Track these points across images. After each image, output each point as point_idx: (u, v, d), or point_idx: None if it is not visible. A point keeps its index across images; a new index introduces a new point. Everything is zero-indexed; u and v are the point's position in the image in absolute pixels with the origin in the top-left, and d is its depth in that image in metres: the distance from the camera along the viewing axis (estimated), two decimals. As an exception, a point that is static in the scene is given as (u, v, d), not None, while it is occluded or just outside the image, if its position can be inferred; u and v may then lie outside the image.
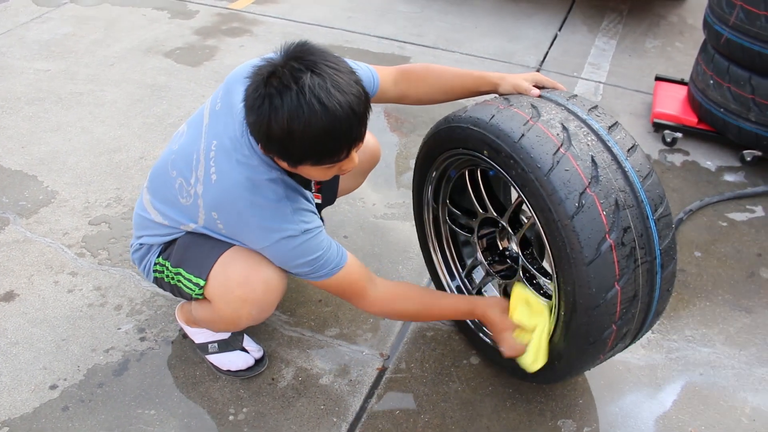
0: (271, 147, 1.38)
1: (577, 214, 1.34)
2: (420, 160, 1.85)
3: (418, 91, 1.75)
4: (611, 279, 1.37)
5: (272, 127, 1.31)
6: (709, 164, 2.84)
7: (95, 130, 2.92)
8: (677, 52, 3.82)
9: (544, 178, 1.36)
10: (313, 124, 1.29)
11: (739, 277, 2.24)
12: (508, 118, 1.46)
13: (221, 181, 1.47)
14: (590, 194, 1.36)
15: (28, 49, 3.59)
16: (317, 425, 1.73)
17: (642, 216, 1.40)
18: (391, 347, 1.96)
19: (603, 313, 1.40)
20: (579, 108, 1.51)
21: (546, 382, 1.80)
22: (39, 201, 2.49)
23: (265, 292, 1.59)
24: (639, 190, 1.41)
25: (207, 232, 1.59)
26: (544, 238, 1.43)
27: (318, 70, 1.30)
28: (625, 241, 1.37)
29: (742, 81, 2.63)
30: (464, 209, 1.90)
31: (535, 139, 1.41)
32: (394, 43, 3.81)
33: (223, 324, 1.70)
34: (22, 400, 1.77)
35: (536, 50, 3.78)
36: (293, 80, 1.29)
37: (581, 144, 1.41)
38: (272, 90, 1.30)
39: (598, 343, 1.46)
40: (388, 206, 2.52)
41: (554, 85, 1.64)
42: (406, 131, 2.98)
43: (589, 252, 1.34)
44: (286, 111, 1.29)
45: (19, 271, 2.18)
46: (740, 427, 1.75)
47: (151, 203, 1.68)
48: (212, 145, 1.50)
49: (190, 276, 1.62)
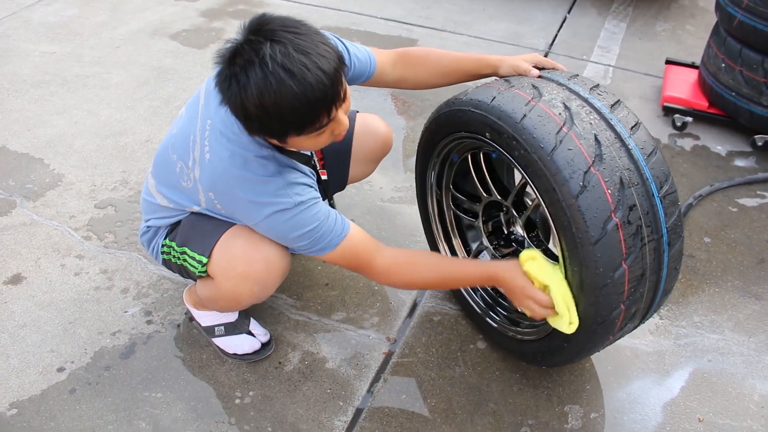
0: (252, 126, 1.35)
1: (582, 194, 1.33)
2: (422, 145, 1.83)
3: (417, 74, 1.73)
4: (618, 258, 1.36)
5: (245, 106, 1.28)
6: (719, 149, 2.81)
7: (101, 113, 2.91)
8: (688, 35, 3.77)
9: (547, 158, 1.35)
10: (284, 94, 1.25)
11: (749, 263, 2.22)
12: (509, 99, 1.45)
13: (213, 160, 1.46)
14: (594, 173, 1.34)
15: (34, 32, 3.57)
16: (323, 409, 1.73)
17: (647, 194, 1.39)
18: (397, 331, 1.95)
19: (611, 293, 1.39)
20: (580, 87, 1.49)
21: (555, 365, 1.79)
22: (45, 184, 2.48)
23: (267, 270, 1.58)
24: (644, 168, 1.39)
25: (210, 213, 1.59)
26: (550, 219, 1.42)
27: (277, 38, 1.26)
28: (631, 220, 1.36)
29: (755, 64, 2.60)
30: (468, 194, 1.89)
31: (537, 119, 1.39)
32: (401, 26, 3.77)
33: (224, 301, 1.70)
34: (30, 383, 1.78)
35: (545, 33, 3.74)
36: (254, 53, 1.25)
37: (584, 123, 1.40)
38: (236, 69, 1.26)
39: (607, 323, 1.45)
40: (395, 190, 2.51)
41: (554, 66, 1.61)
42: (413, 114, 2.96)
43: (594, 231, 1.33)
44: (254, 87, 1.25)
45: (26, 254, 2.18)
46: (748, 414, 1.75)
47: (156, 188, 1.67)
48: (207, 125, 1.49)
49: (194, 254, 1.62)
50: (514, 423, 1.71)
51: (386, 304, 2.03)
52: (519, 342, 1.76)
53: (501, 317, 1.83)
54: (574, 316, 1.49)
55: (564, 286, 1.50)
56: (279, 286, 2.06)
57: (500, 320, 1.83)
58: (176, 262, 1.70)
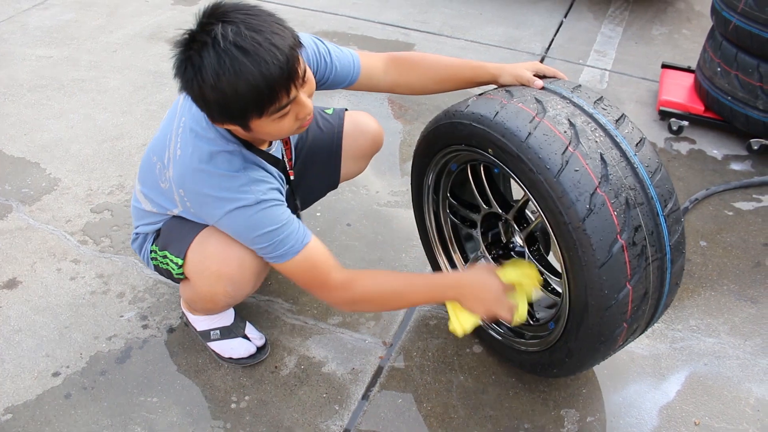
0: (212, 112, 1.33)
1: (589, 216, 1.30)
2: (419, 154, 1.79)
3: (410, 80, 1.69)
4: (623, 279, 1.34)
5: (203, 89, 1.26)
6: (715, 153, 2.81)
7: (98, 117, 2.91)
8: (684, 39, 3.78)
9: (553, 179, 1.32)
10: (240, 72, 1.24)
11: (745, 266, 2.23)
12: (513, 115, 1.41)
13: (182, 156, 1.46)
14: (601, 194, 1.32)
15: (30, 36, 3.57)
16: (319, 413, 1.73)
17: (652, 213, 1.37)
18: (393, 336, 1.95)
19: (615, 313, 1.38)
20: (584, 101, 1.46)
21: (555, 377, 1.79)
22: (42, 188, 2.48)
23: (240, 268, 1.57)
24: (648, 187, 1.37)
25: (187, 216, 1.59)
26: (554, 240, 1.40)
27: (229, 19, 1.25)
28: (636, 240, 1.34)
29: (750, 68, 2.60)
30: (467, 203, 1.87)
31: (543, 138, 1.36)
32: (398, 30, 3.78)
33: (202, 302, 1.69)
34: (25, 387, 1.77)
35: (542, 37, 3.75)
36: (206, 35, 1.24)
37: (589, 141, 1.37)
38: (191, 53, 1.26)
39: (609, 341, 1.45)
40: (391, 194, 2.51)
41: (555, 74, 1.59)
42: (409, 118, 2.96)
43: (601, 254, 1.31)
44: (208, 68, 1.24)
45: (21, 259, 2.17)
46: (744, 417, 1.75)
47: (141, 191, 1.68)
48: (180, 122, 1.49)
49: (172, 256, 1.63)
50: (511, 427, 1.71)
51: (382, 308, 2.03)
52: (519, 352, 1.75)
53: (505, 328, 1.82)
54: (523, 312, 1.58)
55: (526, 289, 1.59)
56: (274, 290, 2.06)
57: (504, 331, 1.82)
58: (162, 266, 1.70)
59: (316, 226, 2.33)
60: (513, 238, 1.89)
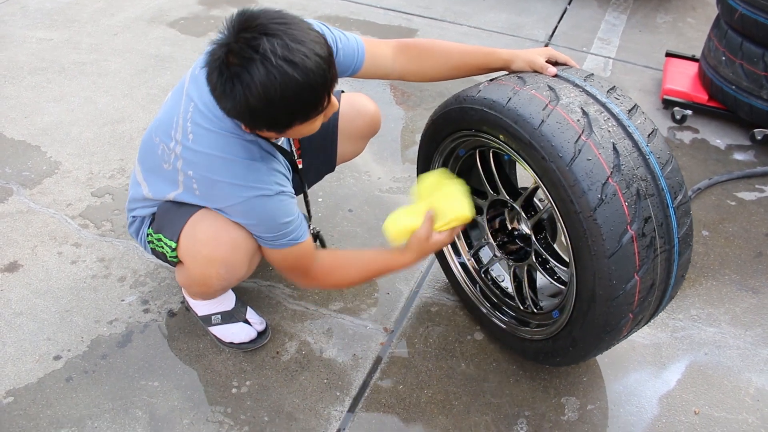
0: (257, 122, 1.35)
1: (600, 206, 1.30)
2: (426, 139, 1.79)
3: (423, 67, 1.69)
4: (631, 270, 1.34)
5: (251, 103, 1.27)
6: (718, 142, 2.80)
7: (99, 101, 2.89)
8: (689, 27, 3.76)
9: (566, 168, 1.31)
10: (289, 85, 1.26)
11: (747, 256, 2.22)
12: (526, 102, 1.40)
13: (197, 141, 1.45)
14: (612, 184, 1.31)
15: (30, 18, 3.55)
16: (320, 399, 1.73)
17: (662, 205, 1.36)
18: (395, 322, 1.95)
19: (621, 304, 1.38)
20: (597, 90, 1.45)
21: (558, 366, 1.79)
22: (42, 172, 2.47)
23: (233, 251, 1.57)
24: (660, 178, 1.37)
25: (185, 199, 1.57)
26: (563, 229, 1.39)
27: (271, 31, 1.25)
28: (646, 232, 1.34)
29: (756, 58, 2.59)
30: (473, 189, 1.85)
31: (556, 125, 1.35)
32: (400, 15, 3.75)
33: (195, 285, 1.70)
34: (26, 371, 1.77)
35: (545, 24, 3.72)
36: (252, 50, 1.24)
37: (602, 130, 1.36)
38: (237, 69, 1.25)
39: (615, 331, 1.45)
40: (393, 180, 2.50)
41: (567, 61, 1.58)
42: (412, 105, 2.95)
43: (611, 244, 1.31)
44: (258, 83, 1.25)
45: (22, 242, 2.17)
46: (744, 407, 1.75)
47: (142, 173, 1.67)
48: (190, 107, 1.48)
49: (166, 240, 1.63)
50: (511, 414, 1.71)
51: (383, 295, 2.03)
52: (522, 340, 1.75)
53: (509, 317, 1.82)
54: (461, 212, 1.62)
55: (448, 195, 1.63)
56: (275, 276, 2.05)
57: (508, 320, 1.82)
58: (158, 249, 1.70)
59: (317, 212, 2.32)
60: (519, 225, 1.89)
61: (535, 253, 1.74)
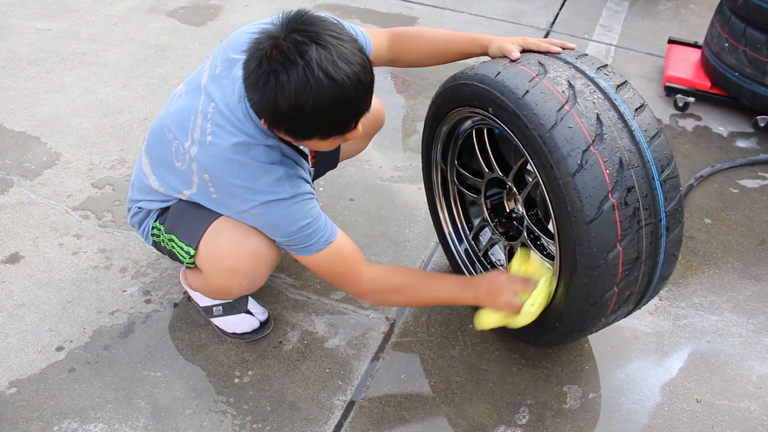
0: (278, 123, 1.34)
1: (579, 172, 1.33)
2: (429, 119, 1.83)
3: (411, 54, 1.72)
4: (613, 239, 1.36)
5: (279, 104, 1.27)
6: (721, 130, 2.79)
7: (99, 91, 2.88)
8: (691, 14, 3.73)
9: (546, 134, 1.35)
10: (322, 99, 1.25)
11: (749, 244, 2.22)
12: (513, 75, 1.45)
13: (216, 143, 1.43)
14: (593, 152, 1.34)
15: (29, 9, 3.53)
16: (322, 388, 1.74)
17: (647, 176, 1.38)
18: (396, 311, 1.95)
19: (604, 274, 1.39)
20: (587, 66, 1.48)
21: (547, 345, 1.79)
22: (43, 163, 2.47)
23: (255, 263, 1.57)
24: (645, 150, 1.38)
25: (200, 200, 1.55)
26: (546, 196, 1.42)
27: (322, 42, 1.25)
28: (629, 201, 1.35)
29: (759, 44, 2.57)
30: (472, 170, 1.88)
31: (540, 95, 1.39)
32: (402, 3, 3.73)
33: (215, 293, 1.71)
34: (29, 362, 1.78)
35: (546, 11, 3.70)
36: (298, 54, 1.23)
37: (587, 102, 1.39)
38: (277, 66, 1.24)
39: (599, 305, 1.45)
40: (394, 169, 2.50)
41: (549, 49, 1.54)
42: (413, 93, 2.94)
43: (590, 210, 1.33)
44: (293, 87, 1.24)
45: (23, 234, 2.17)
46: (746, 395, 1.75)
47: (150, 166, 1.65)
48: (210, 108, 1.46)
49: (181, 244, 1.61)
50: (513, 403, 1.71)
51: (385, 284, 2.03)
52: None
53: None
54: (531, 316, 1.57)
55: (543, 294, 1.56)
56: (278, 266, 2.05)
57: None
58: (165, 245, 1.69)
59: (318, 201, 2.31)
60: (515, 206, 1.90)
61: (527, 230, 1.75)
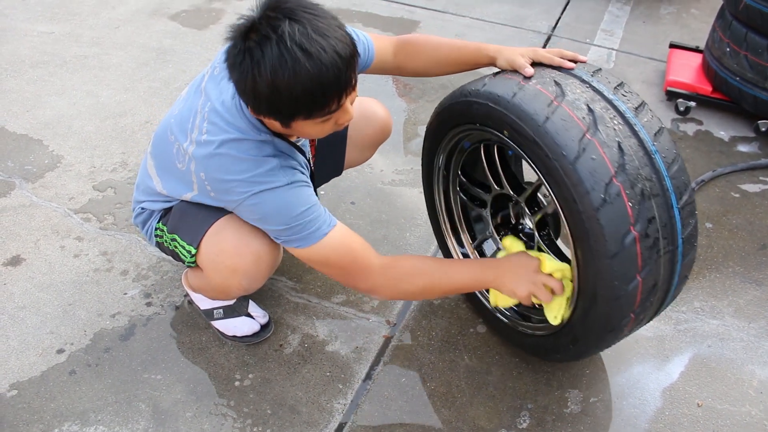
0: (260, 106, 1.32)
1: (603, 207, 1.28)
2: (431, 132, 1.77)
3: (416, 63, 1.69)
4: (634, 271, 1.33)
5: (257, 82, 1.26)
6: (722, 134, 2.79)
7: (100, 94, 2.89)
8: (693, 18, 3.73)
9: (569, 166, 1.29)
10: (299, 74, 1.23)
11: (751, 249, 2.22)
12: (531, 98, 1.38)
13: (210, 140, 1.43)
14: (616, 184, 1.29)
15: (32, 11, 3.54)
16: (323, 392, 1.73)
17: (667, 205, 1.34)
18: (397, 315, 1.95)
19: (623, 304, 1.37)
20: (604, 86, 1.42)
21: (558, 362, 1.79)
22: (44, 165, 2.47)
23: (256, 263, 1.56)
24: (665, 178, 1.34)
25: (202, 200, 1.55)
26: (566, 228, 1.38)
27: (296, 17, 1.24)
28: (650, 233, 1.32)
29: (760, 49, 2.57)
30: (477, 182, 1.84)
31: (560, 123, 1.32)
32: (403, 7, 3.73)
33: (214, 292, 1.70)
34: (29, 364, 1.78)
35: (548, 16, 3.70)
36: (272, 30, 1.23)
37: (608, 129, 1.33)
38: (251, 44, 1.24)
39: (616, 330, 1.44)
40: (395, 172, 2.50)
41: (551, 61, 1.50)
42: (414, 97, 2.94)
43: (613, 245, 1.29)
44: (268, 63, 1.23)
45: (25, 236, 2.17)
46: (747, 399, 1.75)
47: (155, 168, 1.66)
48: (206, 107, 1.47)
49: (183, 243, 1.61)
50: (514, 407, 1.71)
51: (386, 288, 2.03)
52: (522, 335, 1.74)
53: (511, 312, 1.80)
54: (566, 312, 1.52)
55: (568, 291, 1.52)
56: (278, 269, 2.05)
57: (510, 315, 1.80)
58: (168, 246, 1.69)
59: (319, 205, 2.32)
60: (522, 220, 1.88)
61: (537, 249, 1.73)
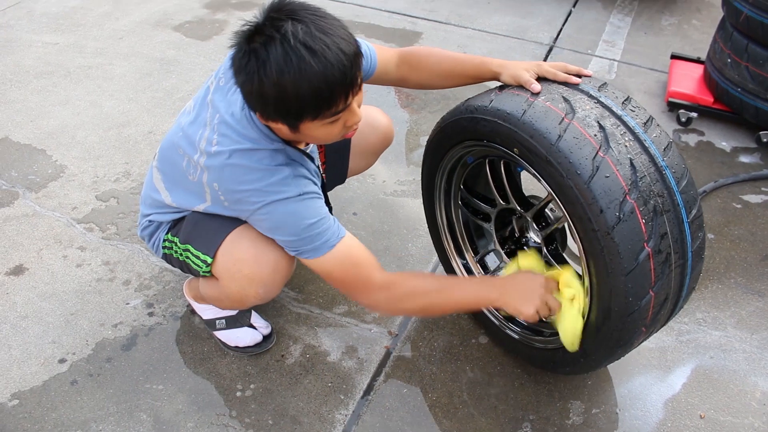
0: (267, 108, 1.33)
1: (618, 225, 1.28)
2: (434, 146, 1.73)
3: (419, 75, 1.69)
4: (647, 286, 1.33)
5: (263, 82, 1.26)
6: (724, 145, 2.79)
7: (104, 104, 2.90)
8: (694, 29, 3.75)
9: (584, 186, 1.28)
10: (305, 72, 1.24)
11: (753, 260, 2.21)
12: (541, 116, 1.36)
13: (221, 151, 1.44)
14: (630, 202, 1.29)
15: (37, 22, 3.57)
16: (324, 402, 1.73)
17: (678, 220, 1.35)
18: (399, 326, 1.95)
19: (636, 319, 1.37)
20: (612, 102, 1.41)
21: (566, 374, 1.78)
22: (48, 175, 2.48)
23: (273, 272, 1.57)
24: (675, 194, 1.35)
25: (216, 211, 1.56)
26: (579, 245, 1.37)
27: (298, 17, 1.25)
28: (662, 248, 1.32)
29: (761, 60, 2.58)
30: (481, 196, 1.83)
31: (573, 141, 1.31)
32: (405, 18, 3.75)
33: (229, 302, 1.70)
34: (31, 374, 1.78)
35: (550, 27, 3.72)
36: (275, 29, 1.24)
37: (619, 146, 1.33)
38: (256, 45, 1.25)
39: (627, 344, 1.45)
40: (398, 183, 2.50)
41: (555, 76, 1.49)
42: (416, 108, 2.95)
43: (628, 262, 1.29)
44: (273, 63, 1.24)
45: (28, 245, 2.18)
46: (750, 411, 1.74)
47: (163, 182, 1.66)
48: (215, 119, 1.47)
49: (198, 253, 1.61)
50: (516, 418, 1.71)
51: (388, 298, 2.03)
52: (531, 348, 1.73)
53: (521, 326, 1.79)
54: (578, 339, 1.50)
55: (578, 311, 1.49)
56: (281, 279, 2.06)
57: (520, 330, 1.79)
58: (178, 257, 1.69)
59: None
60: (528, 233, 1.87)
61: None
